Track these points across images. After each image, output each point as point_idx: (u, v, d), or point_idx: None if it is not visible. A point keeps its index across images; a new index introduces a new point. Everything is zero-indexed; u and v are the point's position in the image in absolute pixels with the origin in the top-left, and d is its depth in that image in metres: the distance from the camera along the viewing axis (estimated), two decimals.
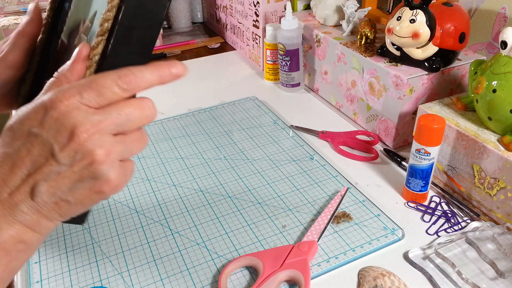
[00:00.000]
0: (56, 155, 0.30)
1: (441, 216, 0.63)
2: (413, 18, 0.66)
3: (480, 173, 0.60)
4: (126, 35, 0.33)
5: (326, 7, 0.90)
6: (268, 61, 1.00)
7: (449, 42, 0.69)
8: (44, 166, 0.31)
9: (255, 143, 0.80)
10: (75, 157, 0.30)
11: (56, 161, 0.30)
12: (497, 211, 0.60)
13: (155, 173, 0.73)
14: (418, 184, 0.63)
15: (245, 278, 0.54)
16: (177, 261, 0.57)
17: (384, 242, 0.58)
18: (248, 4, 1.05)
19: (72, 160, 0.30)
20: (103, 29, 0.32)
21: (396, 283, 0.52)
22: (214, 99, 0.96)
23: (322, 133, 0.81)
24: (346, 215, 0.62)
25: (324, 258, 0.56)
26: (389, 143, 0.78)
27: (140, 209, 0.65)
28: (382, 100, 0.75)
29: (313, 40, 0.91)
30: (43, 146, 0.30)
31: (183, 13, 1.36)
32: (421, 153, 0.60)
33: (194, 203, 0.66)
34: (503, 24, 0.77)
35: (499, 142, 0.59)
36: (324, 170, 0.72)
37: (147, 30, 0.34)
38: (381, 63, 0.74)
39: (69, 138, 0.30)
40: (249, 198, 0.67)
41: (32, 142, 0.30)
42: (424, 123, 0.58)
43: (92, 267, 0.56)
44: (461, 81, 0.76)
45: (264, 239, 0.59)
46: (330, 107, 0.92)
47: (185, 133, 0.83)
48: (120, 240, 0.60)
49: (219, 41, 1.27)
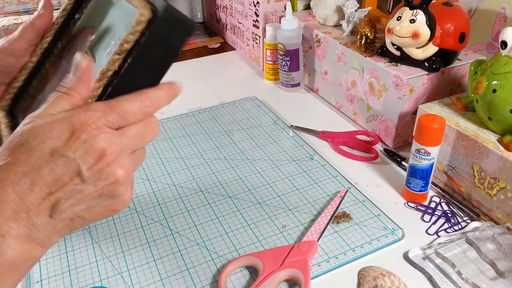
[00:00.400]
0: (82, 175, 0.31)
1: (441, 216, 0.63)
2: (413, 18, 0.66)
3: (480, 173, 0.60)
4: (143, 59, 0.34)
5: (326, 7, 0.90)
6: (268, 61, 1.00)
7: (449, 42, 0.69)
8: (68, 185, 0.31)
9: (255, 143, 0.80)
10: (100, 177, 0.32)
11: (82, 180, 0.32)
12: (497, 211, 0.60)
13: (155, 173, 0.73)
14: (418, 184, 0.63)
15: (245, 278, 0.54)
16: (177, 261, 0.57)
17: (384, 242, 0.58)
18: (248, 4, 1.05)
19: (97, 179, 0.32)
20: (122, 49, 0.33)
21: (396, 283, 0.52)
22: (214, 99, 0.96)
23: (322, 133, 0.81)
24: (346, 215, 0.62)
25: (324, 258, 0.56)
26: (389, 143, 0.78)
27: (140, 209, 0.65)
28: (382, 100, 0.75)
29: (313, 40, 0.91)
30: (68, 166, 0.31)
31: (183, 13, 1.35)
32: (421, 153, 0.60)
33: (194, 203, 0.66)
34: (503, 24, 0.77)
35: (499, 142, 0.59)
36: (324, 170, 0.72)
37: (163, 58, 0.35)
38: (381, 63, 0.74)
39: (97, 159, 0.31)
40: (249, 198, 0.67)
41: (57, 162, 0.31)
42: (424, 123, 0.58)
43: (92, 267, 0.56)
44: (461, 81, 0.76)
45: (264, 239, 0.59)
46: (330, 107, 0.92)
47: (185, 133, 0.83)
48: (120, 240, 0.60)
49: (219, 41, 1.27)
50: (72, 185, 0.31)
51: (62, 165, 0.31)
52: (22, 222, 0.31)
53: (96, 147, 0.31)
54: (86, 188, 0.32)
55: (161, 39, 0.34)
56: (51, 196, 0.31)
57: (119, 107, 0.33)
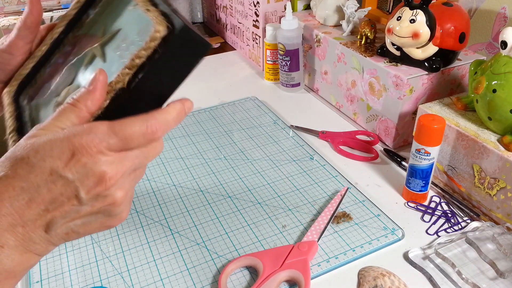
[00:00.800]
0: (80, 197, 0.31)
1: (441, 216, 0.63)
2: (413, 18, 0.66)
3: (480, 173, 0.60)
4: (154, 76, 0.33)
5: (326, 7, 0.90)
6: (268, 61, 1.00)
7: (449, 42, 0.69)
8: (65, 205, 0.31)
9: (255, 143, 0.80)
10: (97, 199, 0.32)
11: (80, 202, 0.32)
12: (497, 211, 0.60)
13: (155, 173, 0.73)
14: (418, 184, 0.63)
15: (245, 278, 0.54)
16: (177, 261, 0.57)
17: (384, 242, 0.58)
18: (248, 4, 1.05)
19: (94, 201, 0.32)
20: (133, 64, 0.32)
21: (396, 283, 0.52)
22: (214, 99, 0.96)
23: (322, 133, 0.81)
24: (346, 215, 0.62)
25: (324, 258, 0.56)
26: (389, 143, 0.78)
27: (140, 209, 0.65)
28: (382, 100, 0.75)
29: (313, 40, 0.91)
30: (67, 187, 0.31)
31: (183, 13, 1.36)
32: (421, 153, 0.60)
33: (194, 203, 0.66)
34: (503, 24, 0.77)
35: (499, 142, 0.59)
36: (324, 170, 0.72)
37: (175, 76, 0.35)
38: (381, 63, 0.74)
39: (97, 183, 0.31)
40: (249, 198, 0.67)
41: (55, 182, 0.31)
42: (424, 123, 0.58)
43: (92, 267, 0.56)
44: (461, 81, 0.76)
45: (264, 239, 0.59)
46: (330, 107, 0.92)
47: (185, 133, 0.83)
48: (120, 240, 0.60)
49: (219, 41, 1.27)
50: (69, 206, 0.31)
51: (60, 185, 0.31)
52: (19, 235, 0.31)
53: (96, 171, 0.31)
54: (83, 208, 0.32)
55: (174, 57, 0.33)
56: (48, 214, 0.31)
57: (124, 131, 0.32)
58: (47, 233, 0.32)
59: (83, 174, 0.31)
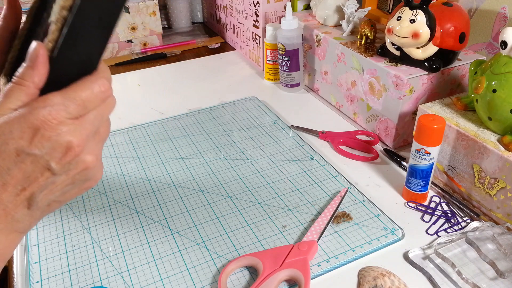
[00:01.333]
0: (52, 169, 0.32)
1: (441, 216, 0.63)
2: (413, 18, 0.66)
3: (480, 173, 0.60)
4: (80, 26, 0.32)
5: (326, 7, 0.90)
6: (268, 61, 1.00)
7: (449, 42, 0.69)
8: (40, 179, 0.32)
9: (255, 143, 0.80)
10: (69, 167, 0.33)
11: (53, 173, 0.32)
12: (497, 211, 0.60)
13: (155, 173, 0.73)
14: (418, 184, 0.63)
15: (245, 278, 0.54)
16: (177, 261, 0.57)
17: (384, 242, 0.58)
18: (248, 4, 1.05)
19: (67, 169, 0.33)
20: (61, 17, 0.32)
21: (396, 283, 0.52)
22: (214, 99, 0.96)
23: (322, 133, 0.81)
24: (346, 215, 0.62)
25: (324, 258, 0.56)
26: (389, 143, 0.78)
27: (140, 209, 0.65)
28: (382, 100, 0.75)
29: (313, 40, 0.91)
30: (37, 163, 0.32)
31: (183, 13, 1.36)
32: (421, 153, 0.60)
33: (194, 203, 0.66)
34: (503, 24, 0.77)
35: (499, 142, 0.59)
36: (324, 170, 0.72)
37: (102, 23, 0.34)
38: (381, 63, 0.74)
39: (65, 152, 0.32)
40: (249, 198, 0.67)
41: (25, 161, 0.31)
42: (424, 123, 0.58)
43: (92, 267, 0.56)
44: (461, 81, 0.76)
45: (264, 239, 0.59)
46: (330, 107, 0.92)
47: (185, 133, 0.83)
48: (120, 240, 0.60)
49: (219, 41, 1.27)
50: (44, 179, 0.32)
51: (30, 163, 0.32)
52: (2, 219, 0.32)
53: (61, 142, 0.32)
54: (58, 178, 0.33)
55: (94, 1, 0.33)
56: (25, 191, 0.32)
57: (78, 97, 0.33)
58: (29, 209, 0.33)
59: (50, 148, 0.32)
